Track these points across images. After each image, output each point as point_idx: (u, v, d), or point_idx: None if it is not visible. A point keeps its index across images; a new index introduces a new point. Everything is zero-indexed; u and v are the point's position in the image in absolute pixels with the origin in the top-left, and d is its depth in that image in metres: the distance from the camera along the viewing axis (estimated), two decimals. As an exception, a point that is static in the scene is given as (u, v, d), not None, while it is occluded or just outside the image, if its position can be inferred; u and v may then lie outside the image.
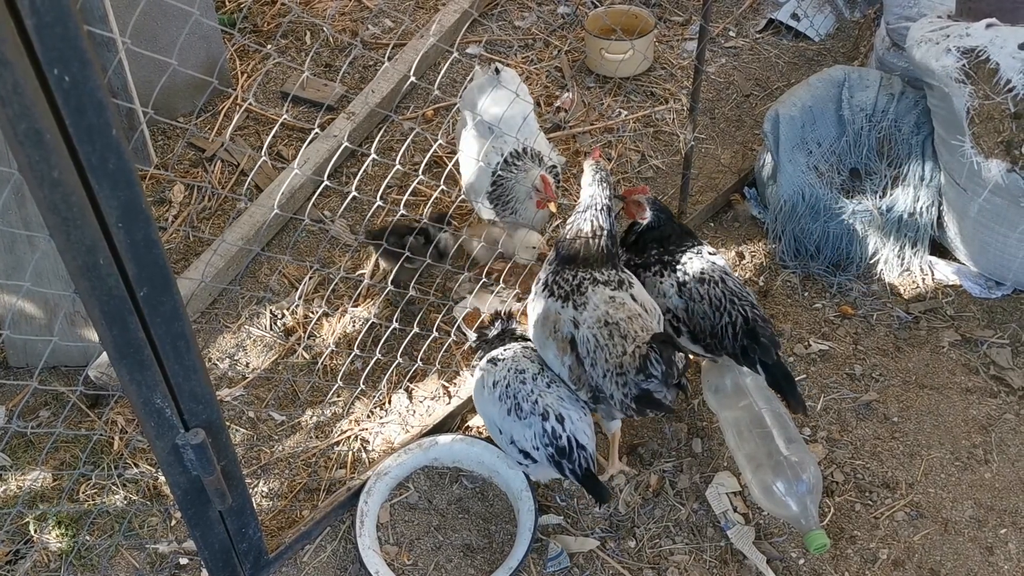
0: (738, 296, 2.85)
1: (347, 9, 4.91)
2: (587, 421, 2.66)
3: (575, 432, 2.58)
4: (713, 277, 2.89)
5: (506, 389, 2.71)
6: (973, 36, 3.22)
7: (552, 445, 2.57)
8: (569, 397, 2.69)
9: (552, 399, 2.65)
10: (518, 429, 2.65)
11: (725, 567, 2.75)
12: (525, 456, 2.67)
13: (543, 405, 2.63)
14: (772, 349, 2.73)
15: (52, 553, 2.80)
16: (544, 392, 2.67)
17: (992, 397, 3.16)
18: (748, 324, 2.77)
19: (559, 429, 2.57)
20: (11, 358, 3.29)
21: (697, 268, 2.92)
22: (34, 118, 1.47)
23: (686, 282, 2.91)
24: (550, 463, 2.60)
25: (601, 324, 2.61)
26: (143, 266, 1.77)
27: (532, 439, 2.62)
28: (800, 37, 4.76)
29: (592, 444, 2.63)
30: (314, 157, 3.90)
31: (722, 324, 2.81)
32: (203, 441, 2.10)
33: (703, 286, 2.88)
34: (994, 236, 3.31)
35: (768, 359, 2.72)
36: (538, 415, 2.61)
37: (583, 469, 2.56)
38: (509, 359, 2.80)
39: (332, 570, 2.77)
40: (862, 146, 3.64)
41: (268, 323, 3.44)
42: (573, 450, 2.56)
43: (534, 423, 2.61)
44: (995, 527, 2.82)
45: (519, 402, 2.66)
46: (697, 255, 2.97)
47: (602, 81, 4.51)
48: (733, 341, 2.79)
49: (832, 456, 3.00)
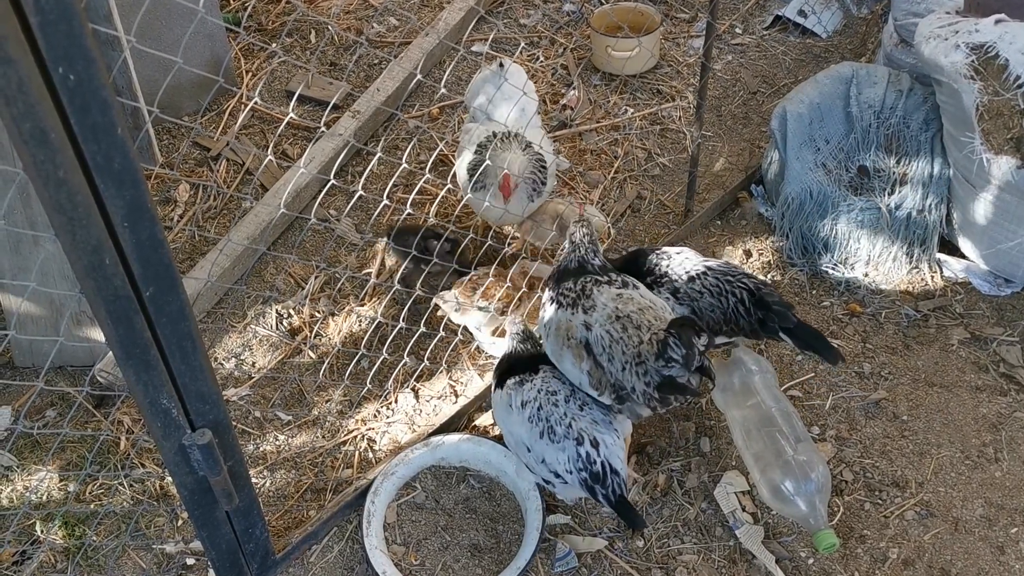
0: (730, 274, 2.84)
1: (352, 7, 4.90)
2: (620, 445, 2.62)
3: (609, 457, 2.54)
4: (698, 271, 2.88)
5: (538, 412, 2.65)
6: (982, 32, 3.20)
7: (587, 470, 2.53)
8: (603, 420, 2.63)
9: (586, 423, 2.60)
10: (551, 452, 2.61)
11: (734, 567, 2.73)
12: (556, 476, 2.63)
13: (577, 429, 2.57)
14: (788, 312, 2.72)
15: (58, 553, 2.79)
16: (578, 416, 2.62)
17: (1002, 395, 3.14)
18: (755, 295, 2.76)
19: (594, 455, 2.53)
20: (17, 358, 3.28)
21: (680, 271, 2.90)
22: (39, 117, 1.46)
23: (677, 289, 2.89)
24: (582, 487, 2.56)
25: (613, 320, 2.58)
26: (149, 266, 1.76)
27: (566, 463, 2.57)
28: (807, 34, 4.74)
29: (625, 470, 2.59)
30: (320, 156, 3.89)
31: (731, 306, 2.79)
32: (210, 441, 2.10)
33: (695, 282, 2.86)
34: (1004, 233, 3.29)
35: (788, 324, 2.71)
36: (572, 439, 2.56)
37: (616, 495, 2.52)
38: (539, 379, 2.74)
39: (339, 570, 2.77)
40: (870, 143, 3.62)
41: (274, 323, 3.44)
42: (607, 476, 2.52)
43: (568, 447, 2.56)
44: (1006, 526, 2.80)
45: (552, 425, 2.61)
46: (667, 258, 2.95)
47: (608, 79, 4.49)
48: (748, 318, 2.77)
49: (841, 455, 2.98)
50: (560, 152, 4.08)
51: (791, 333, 2.71)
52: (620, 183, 3.97)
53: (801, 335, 2.71)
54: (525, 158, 3.21)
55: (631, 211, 3.86)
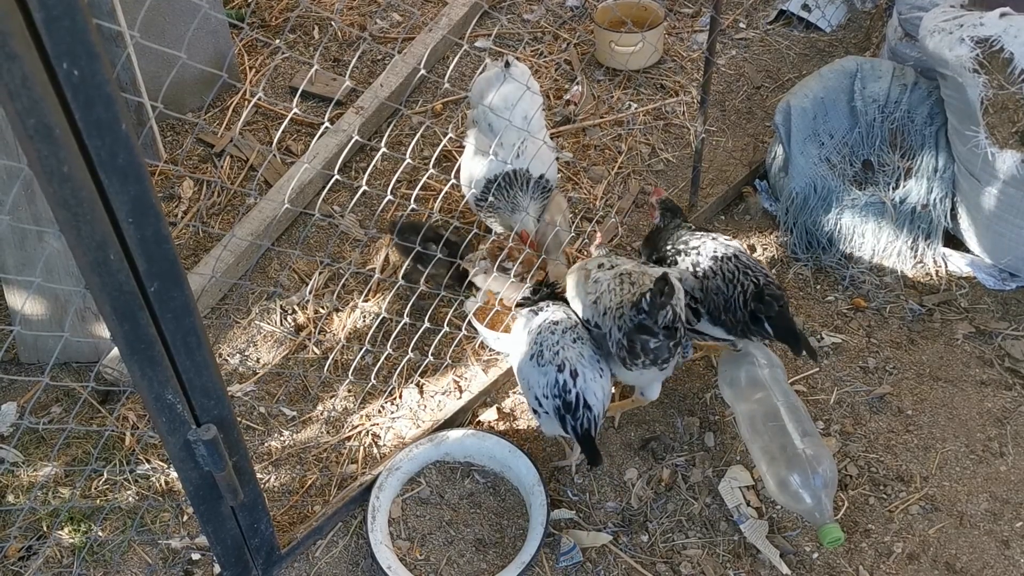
0: (751, 269, 2.83)
1: (355, 3, 4.90)
2: (600, 384, 2.66)
3: (585, 391, 2.60)
4: (727, 254, 2.89)
5: (537, 335, 2.75)
6: (987, 25, 3.19)
7: (560, 397, 2.60)
8: (591, 357, 2.69)
9: (572, 353, 2.67)
10: (534, 375, 2.68)
11: (738, 561, 2.73)
12: (536, 401, 2.69)
13: (562, 357, 2.65)
14: (774, 303, 2.71)
15: (64, 549, 2.80)
16: (568, 346, 2.69)
17: (1007, 389, 3.13)
18: (757, 288, 2.76)
19: (570, 383, 2.60)
20: (22, 354, 3.29)
21: (710, 248, 2.93)
22: (43, 112, 1.46)
23: (699, 262, 2.91)
24: (555, 415, 2.63)
25: (618, 276, 2.74)
26: (153, 262, 1.76)
27: (544, 387, 2.64)
28: (811, 28, 4.73)
29: (600, 407, 2.64)
30: (323, 152, 3.89)
31: (735, 296, 2.78)
32: (214, 437, 2.10)
33: (716, 263, 2.88)
34: (1008, 227, 3.28)
35: (770, 312, 2.70)
36: (555, 365, 2.64)
37: (583, 429, 2.60)
38: (551, 310, 2.85)
39: (344, 565, 2.77)
40: (875, 137, 3.62)
41: (278, 318, 3.44)
42: (579, 408, 2.59)
43: (549, 372, 2.64)
44: (1011, 520, 2.80)
45: (542, 349, 2.70)
46: (712, 239, 2.97)
47: (612, 74, 4.49)
48: (744, 310, 2.76)
49: (846, 449, 2.98)
50: (563, 148, 4.08)
51: (771, 323, 2.71)
52: (624, 178, 3.97)
53: (778, 325, 2.70)
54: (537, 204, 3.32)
55: (635, 207, 3.86)
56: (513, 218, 3.30)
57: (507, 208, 3.29)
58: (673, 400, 3.14)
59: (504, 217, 3.33)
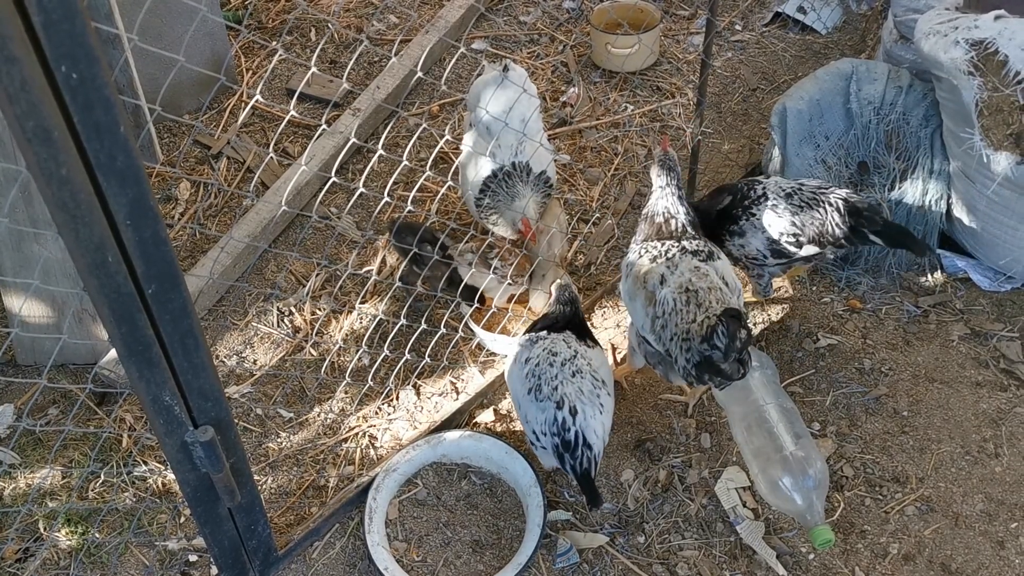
0: (823, 187, 3.04)
1: (352, 5, 4.90)
2: (600, 420, 2.64)
3: (584, 428, 2.57)
4: (792, 186, 3.08)
5: (534, 368, 2.71)
6: (982, 28, 3.20)
7: (559, 435, 2.57)
8: (590, 392, 2.66)
9: (571, 389, 2.63)
10: (532, 410, 2.65)
11: (735, 562, 2.74)
12: (534, 436, 2.67)
13: (561, 393, 2.61)
14: (876, 215, 2.92)
15: (62, 551, 2.80)
16: (567, 381, 2.65)
17: (1002, 391, 3.14)
18: (849, 203, 2.96)
19: (569, 421, 2.56)
20: (19, 356, 3.29)
21: (776, 189, 3.08)
22: (42, 115, 1.46)
23: (777, 204, 3.05)
24: (553, 453, 2.60)
25: (682, 290, 2.65)
26: (151, 263, 1.77)
27: (542, 424, 2.61)
28: (807, 30, 4.74)
29: (600, 445, 2.62)
30: (320, 153, 3.90)
31: (828, 216, 2.96)
32: (212, 438, 2.10)
33: (793, 198, 3.04)
34: (1004, 229, 3.29)
35: (876, 226, 2.91)
36: (553, 401, 2.60)
37: (582, 468, 2.55)
38: (550, 340, 2.80)
39: (341, 567, 2.78)
40: (870, 139, 3.62)
41: (275, 320, 3.44)
42: (578, 447, 2.55)
43: (548, 408, 2.61)
44: (1006, 521, 2.81)
45: (540, 384, 2.66)
46: (766, 184, 3.13)
47: (608, 76, 4.50)
48: (842, 227, 2.95)
49: (841, 451, 2.99)
50: (560, 149, 4.09)
51: (879, 234, 2.92)
52: (620, 180, 3.98)
53: (890, 233, 2.92)
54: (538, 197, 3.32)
55: (631, 208, 3.86)
56: (514, 205, 3.28)
57: (507, 201, 3.27)
58: (669, 401, 3.15)
59: (504, 212, 3.31)
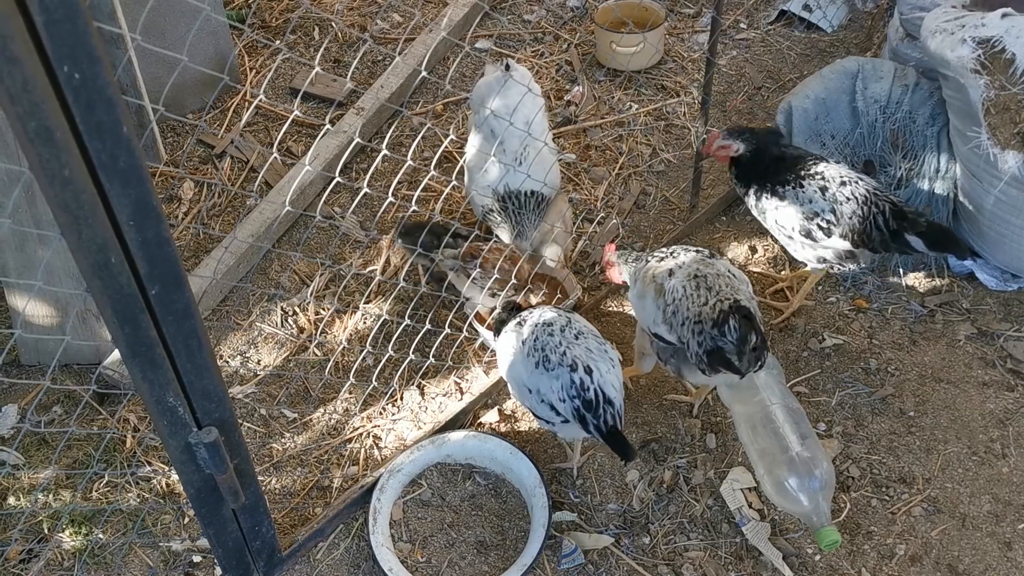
0: (878, 190, 3.04)
1: (356, 4, 4.90)
2: (616, 374, 2.61)
3: (603, 385, 2.54)
4: (851, 176, 3.06)
5: (535, 342, 2.67)
6: (988, 26, 3.18)
7: (579, 397, 2.53)
8: (598, 350, 2.64)
9: (580, 351, 2.60)
10: (545, 381, 2.61)
11: (740, 563, 2.73)
12: (552, 410, 2.61)
13: (572, 356, 2.58)
14: (919, 219, 2.95)
15: (66, 552, 2.80)
16: (572, 343, 2.62)
17: (1009, 391, 3.13)
18: (896, 207, 2.98)
19: (587, 381, 2.53)
20: (23, 356, 3.29)
21: (835, 173, 3.07)
22: (44, 116, 1.45)
23: (827, 187, 3.04)
24: (574, 417, 2.55)
25: (691, 277, 2.67)
26: (155, 264, 1.76)
27: (559, 391, 2.57)
28: (812, 28, 4.72)
29: (620, 399, 2.59)
30: (324, 153, 3.89)
31: (871, 216, 2.98)
32: (216, 439, 2.10)
33: (845, 187, 3.03)
34: (1010, 228, 3.27)
35: (919, 228, 2.92)
36: (566, 366, 2.57)
37: (608, 426, 2.52)
38: (535, 314, 2.77)
39: (345, 567, 2.77)
40: (876, 138, 3.61)
41: (279, 320, 3.44)
42: (599, 404, 2.52)
43: (562, 374, 2.57)
44: (1013, 522, 2.79)
45: (547, 354, 2.62)
46: (827, 165, 3.11)
47: (612, 75, 4.48)
48: (885, 230, 2.96)
49: (848, 451, 2.97)
50: (564, 148, 4.08)
51: (923, 236, 2.92)
52: (625, 179, 3.97)
53: (932, 236, 2.92)
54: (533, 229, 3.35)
55: (636, 207, 3.85)
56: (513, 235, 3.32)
57: (509, 226, 3.32)
58: (675, 402, 3.14)
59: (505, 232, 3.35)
